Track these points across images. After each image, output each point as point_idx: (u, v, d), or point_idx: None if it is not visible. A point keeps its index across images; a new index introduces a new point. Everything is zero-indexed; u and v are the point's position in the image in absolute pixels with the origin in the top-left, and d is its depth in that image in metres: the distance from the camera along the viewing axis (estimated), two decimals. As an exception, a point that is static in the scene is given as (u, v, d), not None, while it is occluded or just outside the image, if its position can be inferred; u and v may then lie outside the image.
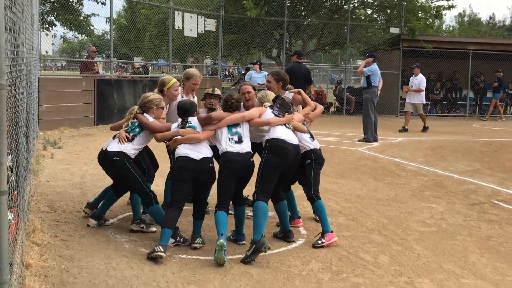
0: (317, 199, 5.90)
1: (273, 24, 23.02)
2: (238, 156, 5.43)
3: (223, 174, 5.43)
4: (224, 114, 5.64)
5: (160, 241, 5.19)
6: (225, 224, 5.28)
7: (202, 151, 5.48)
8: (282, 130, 5.65)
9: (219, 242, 5.03)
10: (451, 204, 7.77)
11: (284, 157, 5.52)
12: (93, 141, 12.61)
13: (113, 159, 5.82)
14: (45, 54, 15.54)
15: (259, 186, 5.49)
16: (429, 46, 21.78)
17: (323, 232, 5.79)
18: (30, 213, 6.44)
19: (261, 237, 5.21)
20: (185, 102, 5.92)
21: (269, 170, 5.50)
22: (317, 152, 6.08)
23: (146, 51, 27.20)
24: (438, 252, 5.71)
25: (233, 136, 5.52)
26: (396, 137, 15.38)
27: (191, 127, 5.62)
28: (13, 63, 4.67)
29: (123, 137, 5.90)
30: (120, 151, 5.82)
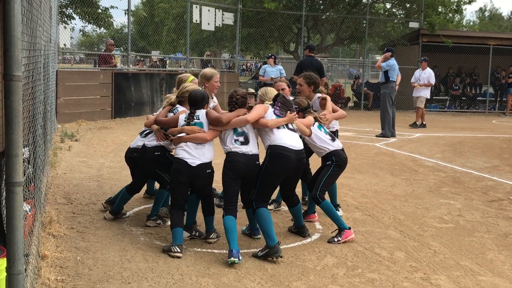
0: (322, 200, 5.79)
1: (291, 18, 22.93)
2: (242, 157, 5.27)
3: (226, 175, 5.30)
4: (232, 115, 5.40)
5: (174, 241, 5.16)
6: (234, 232, 5.11)
7: (201, 156, 5.31)
8: (285, 135, 5.42)
9: (230, 261, 4.93)
10: (469, 201, 7.69)
11: (285, 165, 5.34)
12: (110, 134, 12.67)
13: (154, 155, 5.86)
14: (63, 47, 15.62)
15: (257, 193, 5.33)
16: (448, 41, 21.55)
17: (340, 229, 5.74)
18: (47, 205, 6.48)
19: (276, 244, 5.11)
20: (197, 93, 5.63)
21: (269, 178, 5.35)
22: (338, 154, 5.94)
23: (164, 45, 27.26)
24: (455, 249, 5.65)
25: (238, 137, 5.34)
26: (413, 133, 15.27)
27: (198, 124, 5.43)
28: (30, 55, 4.69)
29: (161, 136, 5.88)
30: (160, 146, 5.87)
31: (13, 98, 3.04)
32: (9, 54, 3.01)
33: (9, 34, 2.98)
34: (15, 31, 3.00)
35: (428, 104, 23.65)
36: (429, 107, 23.51)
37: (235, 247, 4.99)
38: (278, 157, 5.31)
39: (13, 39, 3.00)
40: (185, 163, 5.27)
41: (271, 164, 5.32)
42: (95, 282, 4.43)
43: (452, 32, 24.31)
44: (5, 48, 3.01)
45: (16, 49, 3.02)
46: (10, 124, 3.06)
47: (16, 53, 3.02)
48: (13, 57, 3.01)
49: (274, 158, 5.31)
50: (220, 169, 5.41)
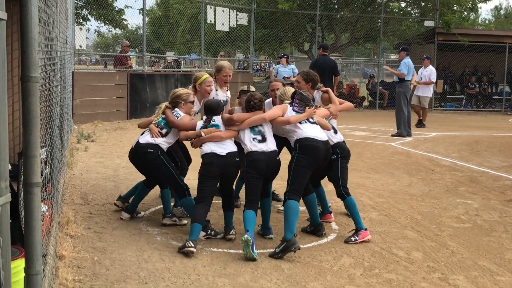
0: (347, 195, 5.82)
1: (306, 18, 22.88)
2: (262, 155, 5.41)
3: (249, 174, 5.41)
4: (246, 115, 5.62)
5: (190, 236, 5.21)
6: (253, 221, 5.26)
7: (227, 147, 5.51)
8: (310, 128, 5.56)
9: (243, 238, 5.03)
10: (487, 200, 7.62)
11: (315, 156, 5.45)
12: (126, 135, 12.72)
13: (146, 151, 5.86)
14: (79, 48, 15.71)
15: (291, 185, 5.43)
16: (464, 39, 21.38)
17: (357, 229, 5.73)
18: (64, 205, 6.52)
19: (293, 237, 5.17)
20: (212, 102, 5.94)
21: (301, 169, 5.43)
22: (341, 146, 6.00)
23: (178, 46, 27.33)
24: (473, 249, 5.60)
25: (256, 136, 5.50)
26: (430, 132, 15.17)
27: (214, 126, 5.63)
28: (47, 57, 4.72)
29: (156, 132, 5.93)
30: (153, 143, 5.88)
31: (30, 100, 3.05)
32: (27, 56, 3.02)
33: (26, 36, 2.99)
34: (32, 33, 3.02)
35: (443, 103, 23.55)
36: (445, 106, 23.38)
37: (251, 231, 5.16)
38: (309, 148, 5.44)
39: (30, 40, 3.02)
40: (215, 154, 5.44)
41: (302, 155, 5.42)
42: (112, 282, 4.45)
43: (468, 30, 24.14)
44: (23, 50, 3.03)
45: (34, 51, 3.03)
46: (27, 125, 3.07)
47: (34, 54, 3.03)
48: (30, 58, 3.03)
49: (304, 149, 5.44)
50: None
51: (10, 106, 7.11)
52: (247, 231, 5.13)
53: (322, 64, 12.73)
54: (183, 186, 5.87)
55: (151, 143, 5.88)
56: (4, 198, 2.21)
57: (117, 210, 6.49)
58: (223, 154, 5.44)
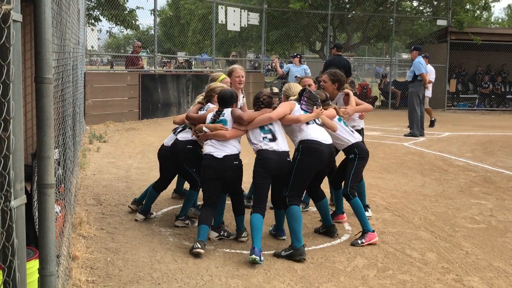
0: (352, 197, 5.71)
1: (317, 17, 22.84)
2: (273, 154, 5.26)
3: (257, 172, 5.30)
4: (256, 115, 5.43)
5: (197, 237, 5.18)
6: (260, 230, 5.10)
7: (226, 149, 5.33)
8: (314, 130, 5.42)
9: (251, 258, 4.92)
10: (501, 201, 7.56)
11: (318, 159, 5.32)
12: (138, 135, 12.75)
13: (186, 148, 5.88)
14: (91, 49, 15.77)
15: (291, 189, 5.31)
16: (477, 38, 21.24)
17: (364, 231, 5.65)
18: (77, 206, 6.54)
19: (302, 247, 5.09)
20: (226, 92, 5.68)
21: (302, 172, 5.32)
22: (360, 146, 5.93)
23: (189, 46, 27.39)
24: (487, 250, 5.55)
25: (266, 135, 5.34)
26: (443, 132, 15.08)
27: (223, 121, 5.45)
28: (60, 58, 4.73)
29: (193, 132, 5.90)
30: (193, 140, 5.89)
31: (44, 101, 3.06)
32: (40, 57, 3.03)
33: (40, 37, 3.00)
34: (46, 34, 3.02)
35: (456, 103, 23.41)
36: (458, 105, 23.25)
37: (258, 245, 4.99)
38: (311, 151, 5.31)
39: (44, 41, 3.02)
40: (211, 156, 5.32)
41: (304, 158, 5.30)
42: (125, 283, 4.45)
43: (481, 29, 24.01)
44: (37, 51, 3.03)
45: (47, 52, 3.03)
46: (41, 126, 3.08)
47: (47, 56, 3.04)
48: (44, 60, 3.03)
49: (307, 152, 5.31)
50: (249, 170, 5.40)
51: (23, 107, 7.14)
52: (253, 248, 4.96)
53: (337, 64, 12.66)
54: (196, 179, 5.95)
55: (191, 139, 5.91)
56: (19, 200, 2.21)
57: (129, 211, 6.50)
58: (219, 157, 5.29)
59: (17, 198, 2.20)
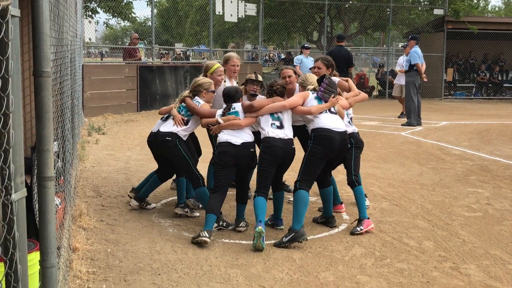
0: (358, 184, 5.82)
1: (314, 8, 22.80)
2: (279, 141, 5.40)
3: (263, 159, 5.42)
4: (266, 102, 5.61)
5: (205, 226, 5.23)
6: (264, 210, 5.28)
7: (243, 137, 5.50)
8: (327, 118, 5.52)
9: (257, 229, 5.05)
10: (498, 189, 7.61)
11: (330, 147, 5.42)
12: (137, 127, 12.77)
13: (165, 139, 5.87)
14: (88, 41, 15.76)
15: (302, 175, 5.42)
16: (473, 27, 21.23)
17: (361, 219, 5.72)
18: (77, 198, 6.57)
19: (301, 228, 5.20)
20: (230, 89, 5.93)
21: (314, 160, 5.42)
22: (356, 136, 6.02)
23: (187, 37, 27.34)
24: (484, 238, 5.60)
25: (274, 121, 5.49)
26: (440, 121, 15.12)
27: (234, 113, 5.63)
28: (58, 51, 4.75)
29: (179, 119, 5.93)
30: (172, 132, 5.88)
31: (43, 94, 3.08)
32: (38, 51, 3.04)
33: (38, 31, 3.01)
34: (43, 28, 3.03)
35: (453, 92, 23.43)
36: (455, 94, 23.28)
37: (263, 221, 5.17)
38: (323, 138, 5.41)
39: (42, 35, 3.03)
40: (229, 143, 5.44)
41: (317, 145, 5.41)
42: (125, 274, 4.49)
43: (477, 18, 23.99)
44: (34, 45, 3.05)
45: (45, 46, 3.05)
46: (40, 120, 3.10)
47: (45, 49, 3.05)
48: (42, 53, 3.05)
49: (319, 140, 5.41)
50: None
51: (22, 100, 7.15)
52: (259, 221, 5.14)
53: (337, 54, 12.87)
54: (198, 176, 5.86)
55: (171, 131, 5.89)
56: (19, 193, 2.24)
57: (129, 201, 6.53)
58: (237, 144, 5.44)
59: (18, 192, 2.22)
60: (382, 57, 35.35)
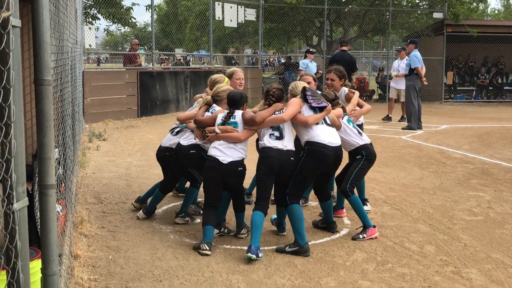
0: (351, 194, 5.75)
1: (314, 12, 22.82)
2: (275, 152, 5.24)
3: (260, 170, 5.31)
4: (267, 114, 5.37)
5: (204, 238, 5.21)
6: (259, 229, 5.12)
7: (233, 154, 5.31)
8: (323, 130, 5.40)
9: (246, 256, 4.93)
10: (499, 192, 7.61)
11: (323, 162, 5.34)
12: (137, 133, 12.78)
13: (189, 153, 5.84)
14: (88, 47, 15.79)
15: (292, 188, 5.32)
16: (473, 31, 21.23)
17: (365, 226, 5.70)
18: (78, 205, 6.57)
19: (306, 243, 5.18)
20: (235, 93, 5.67)
21: (305, 174, 5.35)
22: (368, 148, 5.94)
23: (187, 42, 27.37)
24: (485, 242, 5.60)
25: (274, 132, 5.34)
26: (440, 124, 15.12)
27: (233, 124, 5.42)
28: (58, 58, 4.76)
29: (199, 134, 5.82)
30: (195, 144, 5.85)
31: (44, 102, 3.09)
32: (39, 59, 3.05)
33: (38, 40, 3.02)
34: (44, 36, 3.04)
35: (454, 95, 23.44)
36: (455, 97, 23.28)
37: (256, 243, 5.00)
38: (316, 154, 5.31)
39: (43, 44, 3.04)
40: (217, 161, 5.29)
41: (309, 161, 5.32)
42: (127, 280, 4.49)
43: (477, 21, 24.01)
44: (35, 53, 3.06)
45: (46, 54, 3.06)
46: (41, 128, 3.11)
47: (46, 58, 3.06)
48: (43, 62, 3.05)
49: (312, 155, 5.31)
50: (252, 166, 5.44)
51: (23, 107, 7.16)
52: (250, 246, 4.97)
53: (340, 59, 13.06)
54: (196, 177, 5.99)
55: (194, 144, 5.85)
56: (21, 203, 2.25)
57: (130, 209, 6.54)
58: (224, 162, 5.28)
59: (19, 201, 2.23)
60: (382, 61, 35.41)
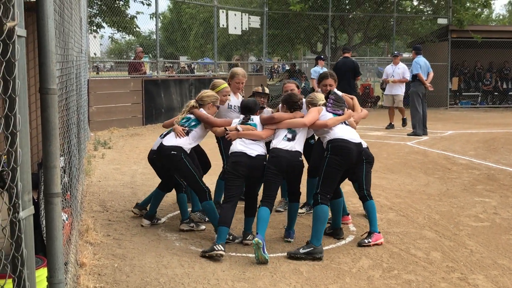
0: (369, 198, 5.81)
1: (318, 19, 22.87)
2: (284, 152, 5.43)
3: (268, 169, 5.45)
4: (287, 116, 5.66)
5: (218, 240, 5.23)
6: (266, 222, 5.26)
7: (257, 149, 5.52)
8: (343, 129, 5.58)
9: (254, 241, 5.03)
10: (505, 198, 7.58)
11: (347, 157, 5.44)
12: (142, 141, 12.80)
13: (170, 153, 5.83)
14: (93, 56, 15.85)
15: (321, 187, 5.41)
16: (478, 36, 21.21)
17: (371, 232, 5.71)
18: (83, 213, 6.58)
19: (320, 245, 5.22)
20: (249, 101, 5.99)
21: (332, 171, 5.43)
22: (366, 151, 5.97)
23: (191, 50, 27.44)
24: (492, 248, 5.58)
25: (288, 134, 5.56)
26: (446, 130, 15.09)
27: (253, 125, 5.68)
28: (63, 67, 4.78)
29: (180, 131, 5.92)
30: (177, 145, 5.85)
31: (49, 111, 3.10)
32: (44, 68, 3.07)
33: (44, 49, 3.04)
34: (49, 45, 3.06)
35: (459, 101, 23.40)
36: (461, 103, 23.24)
37: (262, 234, 5.13)
38: (341, 149, 5.44)
39: (48, 53, 3.06)
40: (244, 154, 5.47)
41: (334, 157, 5.42)
42: (133, 288, 4.49)
43: (481, 27, 24.00)
44: (40, 62, 3.07)
45: (51, 63, 3.08)
46: (47, 136, 3.12)
47: (51, 67, 3.08)
48: (48, 71, 3.07)
49: (336, 151, 5.44)
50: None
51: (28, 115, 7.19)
52: (257, 233, 5.13)
53: (342, 66, 13.45)
54: (204, 189, 5.80)
55: (175, 145, 5.85)
56: (27, 211, 2.26)
57: (135, 216, 6.55)
58: (252, 155, 5.47)
59: (25, 209, 2.24)
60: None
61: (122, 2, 18.58)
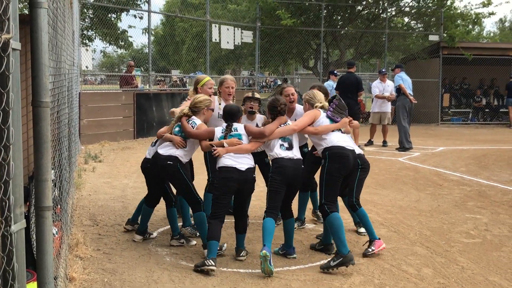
0: (358, 207, 5.82)
1: (310, 34, 22.97)
2: (289, 161, 5.42)
3: (274, 180, 5.40)
4: (274, 126, 5.55)
5: (209, 254, 5.19)
6: (271, 233, 5.24)
7: (246, 162, 5.45)
8: (337, 136, 5.59)
9: (262, 253, 5.01)
10: (496, 215, 7.60)
11: (345, 164, 5.47)
12: (133, 154, 12.76)
13: (166, 164, 5.75)
14: (85, 69, 15.84)
15: (325, 197, 5.42)
16: (468, 54, 21.37)
17: (371, 240, 5.72)
18: (73, 227, 6.54)
19: (349, 252, 5.21)
20: (232, 107, 5.81)
21: (333, 178, 5.45)
22: (362, 157, 5.96)
23: (184, 64, 27.48)
24: (483, 264, 5.58)
25: (284, 143, 5.52)
26: (437, 146, 15.15)
27: (237, 135, 5.56)
28: (56, 80, 4.77)
29: (180, 141, 5.80)
30: (173, 156, 5.77)
31: (41, 124, 3.09)
32: (37, 81, 3.07)
33: (37, 62, 3.04)
34: (42, 59, 3.06)
35: (451, 117, 23.52)
36: (452, 119, 23.36)
37: (269, 245, 5.10)
38: (337, 156, 5.46)
39: (41, 66, 3.06)
40: (234, 169, 5.37)
41: (332, 164, 5.44)
42: (123, 304, 4.45)
43: (472, 44, 24.17)
44: (33, 75, 3.07)
45: (44, 76, 3.07)
46: (39, 150, 3.10)
47: (44, 80, 3.08)
48: (41, 84, 3.07)
49: (334, 158, 5.46)
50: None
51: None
52: (264, 245, 5.09)
53: (346, 81, 13.73)
54: (199, 200, 5.77)
55: (172, 155, 5.76)
56: (19, 224, 2.24)
57: (125, 231, 6.51)
58: (242, 169, 5.38)
59: (17, 223, 2.22)
60: (377, 83, 35.48)
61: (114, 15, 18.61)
